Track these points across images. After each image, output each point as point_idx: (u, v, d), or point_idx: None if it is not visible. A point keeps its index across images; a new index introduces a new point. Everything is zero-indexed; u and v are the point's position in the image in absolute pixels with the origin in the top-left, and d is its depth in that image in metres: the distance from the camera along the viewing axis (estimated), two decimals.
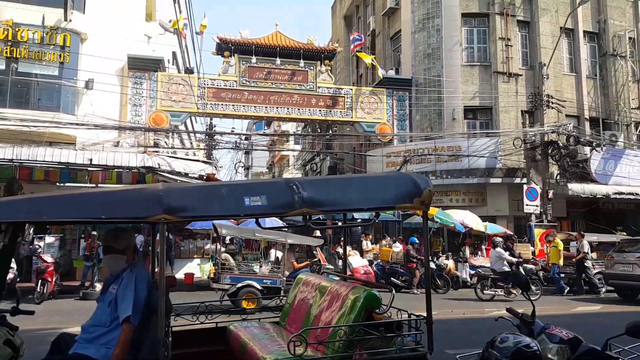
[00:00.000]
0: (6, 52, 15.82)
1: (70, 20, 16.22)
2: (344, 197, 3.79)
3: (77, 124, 15.67)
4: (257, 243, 14.73)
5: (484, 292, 12.93)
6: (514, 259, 13.62)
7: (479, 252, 16.69)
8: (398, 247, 16.00)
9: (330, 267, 13.19)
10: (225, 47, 20.33)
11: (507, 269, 13.07)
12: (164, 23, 19.85)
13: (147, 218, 3.30)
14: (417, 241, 15.40)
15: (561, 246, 14.88)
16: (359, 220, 12.79)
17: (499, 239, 14.10)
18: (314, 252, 12.90)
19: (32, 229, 13.06)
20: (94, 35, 17.15)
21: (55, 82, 16.32)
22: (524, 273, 13.19)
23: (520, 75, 20.93)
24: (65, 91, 16.44)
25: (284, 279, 11.38)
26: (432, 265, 14.77)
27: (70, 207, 3.24)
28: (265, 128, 52.97)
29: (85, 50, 16.94)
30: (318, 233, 15.26)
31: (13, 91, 16.00)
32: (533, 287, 12.87)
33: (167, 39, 25.27)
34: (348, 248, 13.27)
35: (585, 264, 14.49)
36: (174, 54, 28.56)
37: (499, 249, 13.44)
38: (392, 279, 14.72)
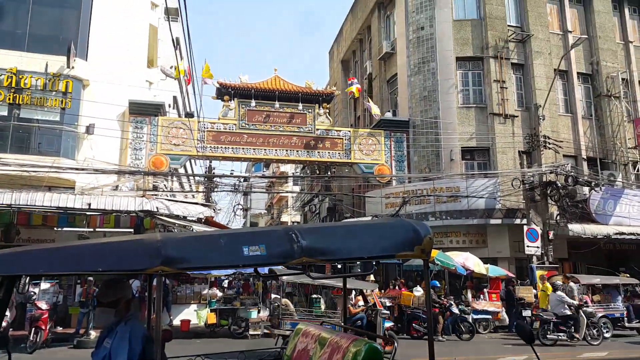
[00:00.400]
0: (9, 99, 16.03)
1: (73, 67, 16.51)
2: (344, 245, 3.76)
3: (77, 169, 15.72)
4: (253, 287, 14.57)
5: (547, 336, 12.70)
6: (575, 302, 13.27)
7: (482, 296, 16.45)
8: (419, 292, 15.43)
9: (387, 312, 12.89)
10: (225, 92, 20.64)
11: (568, 312, 12.86)
12: (165, 69, 20.21)
13: (145, 270, 3.27)
14: (439, 285, 15.09)
15: (550, 290, 14.63)
16: (358, 264, 12.69)
17: (559, 282, 13.87)
18: (368, 297, 12.64)
19: (27, 277, 12.89)
20: (95, 81, 17.42)
21: (57, 127, 16.47)
22: (584, 317, 12.91)
23: (516, 116, 21.18)
24: (66, 136, 16.58)
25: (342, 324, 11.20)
26: (455, 310, 14.50)
27: (66, 259, 3.21)
28: (264, 169, 53.20)
29: (87, 95, 17.18)
30: (372, 277, 15.02)
31: (14, 136, 16.12)
32: (594, 331, 12.66)
33: (168, 84, 25.70)
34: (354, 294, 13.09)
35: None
36: (174, 98, 28.99)
37: (559, 292, 13.25)
38: (413, 324, 14.33)
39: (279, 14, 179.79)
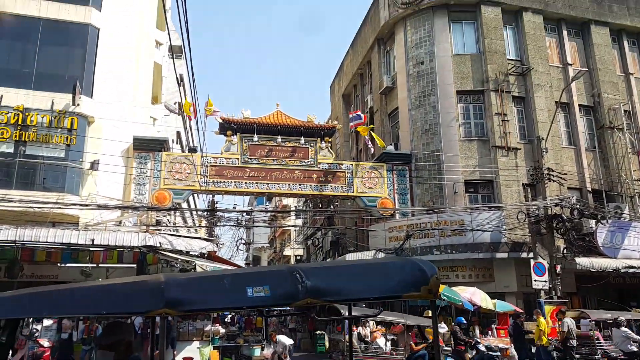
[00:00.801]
0: (15, 136, 16.18)
1: (78, 105, 16.71)
2: (349, 286, 3.71)
3: (81, 205, 15.74)
4: (254, 324, 14.38)
5: None
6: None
7: (489, 332, 16.14)
8: (444, 328, 15.01)
9: (448, 348, 12.62)
10: (227, 127, 20.81)
11: (635, 348, 12.54)
12: (169, 105, 20.48)
13: (148, 313, 3.23)
14: (465, 322, 14.76)
15: (543, 325, 14.29)
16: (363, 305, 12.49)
17: (622, 318, 13.51)
18: (427, 334, 12.41)
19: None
20: (100, 118, 17.62)
21: (62, 163, 16.57)
22: None
23: (519, 149, 21.22)
24: (70, 172, 16.66)
25: None
26: (482, 347, 14.15)
27: (70, 302, 3.18)
28: (267, 203, 53.16)
29: (92, 132, 17.34)
30: (430, 313, 14.74)
31: (20, 173, 16.21)
32: None
33: (172, 119, 25.97)
34: (371, 325, 12.81)
35: (569, 344, 13.87)
36: (178, 133, 29.23)
37: (624, 328, 12.95)
38: None
39: (281, 50, 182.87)
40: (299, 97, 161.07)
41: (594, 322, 15.15)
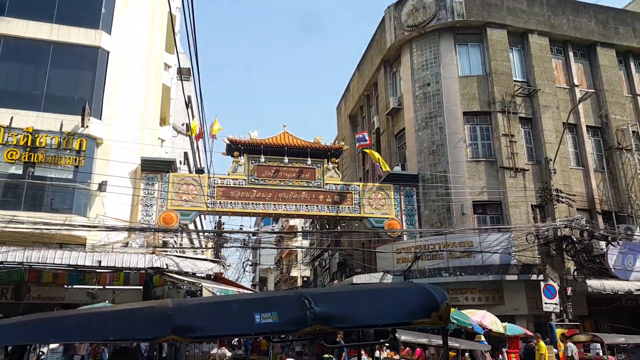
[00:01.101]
0: (25, 157, 16.30)
1: (87, 126, 16.85)
2: (358, 313, 3.66)
3: (88, 226, 15.77)
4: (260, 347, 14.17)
5: None
6: None
7: (500, 356, 15.86)
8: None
9: None
10: (234, 148, 20.88)
11: None
12: (177, 126, 20.61)
13: (156, 339, 3.20)
14: (486, 343, 14.43)
15: (544, 350, 13.99)
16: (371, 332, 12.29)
17: None
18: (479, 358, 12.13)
19: None
20: (109, 140, 17.75)
21: (70, 185, 16.64)
22: None
23: (527, 170, 21.13)
24: (78, 193, 16.73)
25: None
26: None
27: (77, 328, 3.16)
28: (274, 223, 53.05)
29: (100, 153, 17.45)
30: (482, 338, 14.49)
31: (28, 194, 16.29)
32: None
33: (180, 140, 26.14)
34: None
35: None
36: (185, 154, 29.40)
37: None
38: None
39: (288, 71, 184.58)
40: (305, 117, 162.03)
41: (607, 346, 14.86)
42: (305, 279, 48.54)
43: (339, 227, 25.82)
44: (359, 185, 22.25)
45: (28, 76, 17.90)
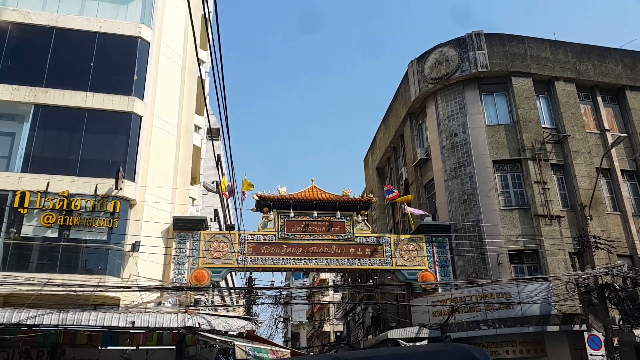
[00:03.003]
0: (60, 221, 16.71)
1: (121, 189, 17.27)
2: None
3: (122, 287, 15.90)
4: None
5: None
6: None
7: None
8: None
9: None
10: (264, 204, 21.05)
11: None
12: (207, 184, 20.97)
13: None
14: None
15: None
16: None
17: None
18: None
19: None
20: (142, 201, 18.12)
21: (104, 246, 16.92)
22: None
23: (562, 217, 20.64)
24: (112, 254, 16.97)
25: None
26: None
27: None
28: (304, 277, 52.60)
29: (134, 214, 17.80)
30: None
31: (63, 257, 16.59)
32: None
33: (210, 198, 26.51)
34: None
35: None
36: (215, 211, 29.73)
37: None
38: None
39: (314, 127, 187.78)
40: (333, 171, 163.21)
41: None
42: (338, 333, 47.46)
43: (370, 281, 25.41)
44: (389, 237, 22.01)
45: (64, 142, 18.57)
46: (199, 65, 10.12)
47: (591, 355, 16.32)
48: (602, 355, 16.40)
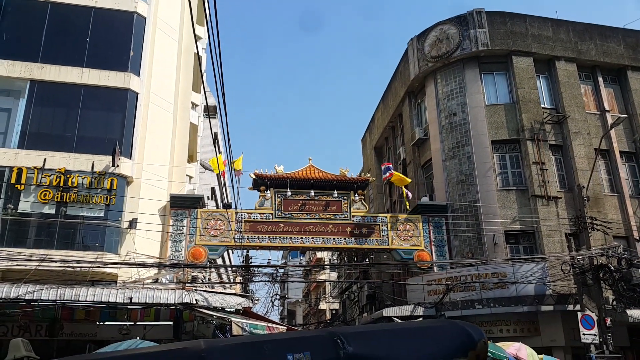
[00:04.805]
0: (57, 197, 16.71)
1: (118, 166, 17.23)
2: (392, 352, 3.57)
3: (120, 263, 15.96)
4: None
5: None
6: None
7: None
8: None
9: None
10: (261, 182, 21.03)
11: None
12: (205, 163, 20.91)
13: None
14: None
15: None
16: None
17: None
18: None
19: None
20: (139, 178, 18.09)
21: (101, 223, 16.95)
22: None
23: (559, 198, 20.69)
24: (109, 231, 17.00)
25: None
26: None
27: None
28: (301, 256, 52.90)
29: (131, 192, 17.78)
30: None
31: (60, 233, 16.63)
32: None
33: (207, 176, 26.48)
34: None
35: None
36: (212, 190, 29.73)
37: None
38: None
39: (312, 106, 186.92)
40: (330, 150, 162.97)
41: None
42: (333, 311, 47.95)
43: (367, 260, 25.55)
44: (386, 217, 22.06)
45: (60, 118, 18.48)
46: (195, 41, 10.01)
47: (584, 334, 16.51)
48: (595, 335, 16.59)
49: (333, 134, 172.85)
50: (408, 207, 22.46)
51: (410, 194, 22.56)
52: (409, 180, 22.86)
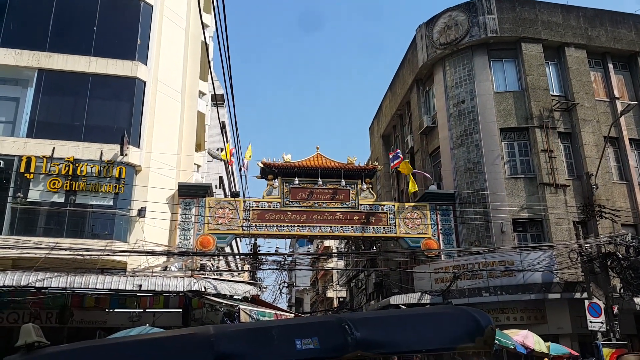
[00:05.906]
0: (66, 186, 16.82)
1: (126, 155, 17.30)
2: (400, 337, 3.59)
3: (129, 251, 16.09)
4: None
5: None
6: None
7: None
8: None
9: None
10: (269, 171, 21.07)
11: None
12: (213, 151, 20.96)
13: None
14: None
15: None
16: None
17: None
18: None
19: None
20: (147, 167, 18.17)
21: (110, 211, 17.06)
22: None
23: (568, 185, 20.57)
24: (118, 220, 17.11)
25: None
26: None
27: (118, 356, 3.17)
28: (308, 244, 53.06)
29: (139, 180, 17.86)
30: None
31: (70, 221, 16.76)
32: None
33: (215, 165, 26.55)
34: None
35: None
36: (220, 178, 29.82)
37: None
38: None
39: (319, 94, 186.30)
40: (338, 139, 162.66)
41: None
42: (341, 299, 48.19)
43: (374, 248, 25.60)
44: (394, 205, 22.06)
45: (68, 107, 18.52)
46: (203, 29, 9.98)
47: (591, 322, 16.49)
48: (602, 322, 16.56)
49: (341, 123, 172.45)
50: (414, 188, 22.18)
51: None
52: (412, 169, 22.76)
